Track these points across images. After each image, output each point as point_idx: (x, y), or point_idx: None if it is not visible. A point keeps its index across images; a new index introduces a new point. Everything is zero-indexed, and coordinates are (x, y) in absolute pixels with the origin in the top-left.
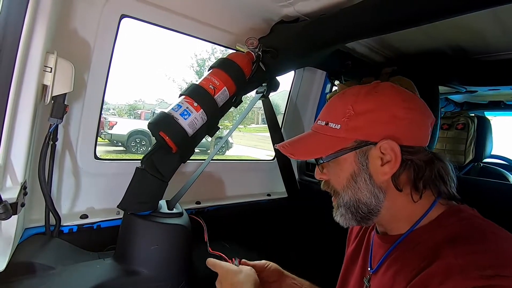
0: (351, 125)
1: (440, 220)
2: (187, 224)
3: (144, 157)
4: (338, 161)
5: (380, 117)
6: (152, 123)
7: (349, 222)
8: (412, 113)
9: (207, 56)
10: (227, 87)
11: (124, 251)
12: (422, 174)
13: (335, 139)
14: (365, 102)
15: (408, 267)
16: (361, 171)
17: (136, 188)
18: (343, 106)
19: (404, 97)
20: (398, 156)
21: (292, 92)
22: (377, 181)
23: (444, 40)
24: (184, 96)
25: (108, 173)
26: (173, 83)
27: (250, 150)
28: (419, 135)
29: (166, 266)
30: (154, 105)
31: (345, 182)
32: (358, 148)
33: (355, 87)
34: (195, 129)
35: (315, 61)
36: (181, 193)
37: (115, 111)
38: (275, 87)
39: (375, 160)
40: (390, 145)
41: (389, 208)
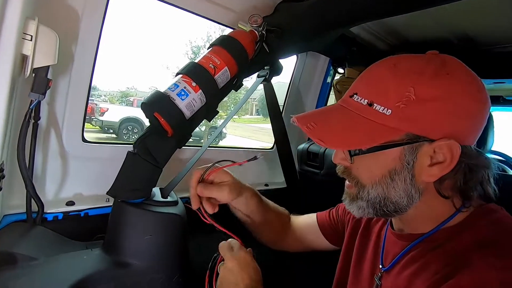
0: (408, 114)
1: (468, 221)
2: (182, 214)
3: (137, 140)
4: (376, 154)
5: (448, 110)
6: (145, 103)
7: (366, 214)
8: (483, 108)
9: (202, 44)
10: (229, 67)
11: (114, 241)
12: (470, 179)
13: (381, 127)
14: (433, 85)
15: (428, 269)
16: (403, 169)
17: (128, 174)
18: (399, 85)
19: (479, 85)
20: (455, 159)
21: (293, 78)
22: (418, 181)
23: (452, 28)
24: (182, 75)
25: (97, 158)
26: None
27: (243, 141)
28: (479, 134)
29: (159, 258)
30: (147, 93)
31: (378, 179)
32: (408, 144)
33: (413, 58)
34: (193, 111)
35: (320, 45)
36: (176, 181)
37: (107, 97)
38: (278, 71)
39: (424, 158)
40: (450, 145)
41: (419, 208)
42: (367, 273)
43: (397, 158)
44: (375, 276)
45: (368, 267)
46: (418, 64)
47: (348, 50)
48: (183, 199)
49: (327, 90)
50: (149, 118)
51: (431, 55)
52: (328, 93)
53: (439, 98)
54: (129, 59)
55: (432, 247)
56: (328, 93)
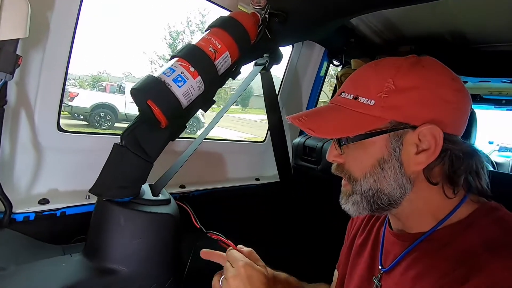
0: (389, 103)
1: (472, 219)
2: (175, 213)
3: (125, 131)
4: (364, 144)
5: (426, 97)
6: (137, 88)
7: (361, 211)
8: (459, 96)
9: (181, 29)
10: (230, 52)
11: (98, 245)
12: (458, 167)
13: (367, 117)
14: (409, 76)
15: (435, 271)
16: (391, 157)
17: (114, 170)
18: (380, 78)
19: (453, 76)
20: (439, 145)
21: (288, 69)
22: (408, 170)
23: (448, 25)
24: (178, 58)
25: (76, 149)
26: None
27: (222, 131)
28: (461, 123)
29: (151, 263)
30: (120, 78)
31: (369, 169)
32: (393, 131)
33: (392, 58)
34: (190, 100)
35: (320, 34)
36: (168, 176)
37: (76, 81)
38: (278, 59)
39: (410, 146)
40: (432, 131)
41: (413, 200)
42: (365, 273)
43: (384, 146)
44: (374, 277)
45: (365, 267)
46: (396, 61)
47: (346, 42)
48: (174, 195)
49: (321, 82)
50: (140, 106)
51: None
52: (321, 85)
53: (416, 87)
54: (101, 41)
55: (436, 247)
56: (321, 85)
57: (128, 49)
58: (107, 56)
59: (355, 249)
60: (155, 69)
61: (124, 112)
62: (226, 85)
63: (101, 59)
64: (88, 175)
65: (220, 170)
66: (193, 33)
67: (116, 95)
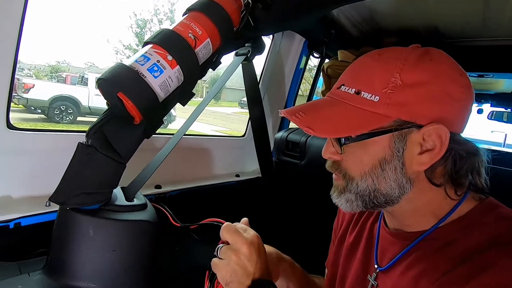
0: (395, 99)
1: (473, 216)
2: (153, 219)
3: (91, 129)
4: (365, 143)
5: (434, 94)
6: (105, 79)
7: (355, 209)
8: (467, 93)
9: (149, 17)
10: (211, 40)
11: (62, 260)
12: (461, 167)
13: (370, 114)
14: (417, 70)
15: (437, 269)
16: (393, 158)
17: (80, 173)
18: (385, 72)
19: (461, 71)
20: (445, 145)
21: (268, 61)
22: (409, 171)
23: (424, 19)
24: (153, 44)
25: (31, 149)
26: (108, 44)
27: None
28: (465, 121)
29: (126, 276)
30: (82, 69)
31: (368, 169)
32: (398, 130)
33: (396, 48)
34: (168, 92)
35: (302, 23)
36: (143, 178)
37: (32, 71)
38: (261, 49)
39: (414, 146)
40: (437, 130)
41: (412, 200)
42: (359, 272)
43: (387, 146)
44: (369, 276)
45: (358, 265)
46: (402, 53)
47: (327, 33)
48: (149, 197)
49: (300, 74)
50: (109, 100)
51: (413, 46)
52: (301, 78)
53: (424, 82)
54: (60, 28)
55: (438, 246)
56: (301, 78)
57: (90, 37)
58: (66, 44)
59: (347, 247)
60: (121, 59)
61: (88, 105)
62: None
63: (60, 47)
64: (47, 178)
65: (198, 167)
66: (161, 22)
67: (78, 86)
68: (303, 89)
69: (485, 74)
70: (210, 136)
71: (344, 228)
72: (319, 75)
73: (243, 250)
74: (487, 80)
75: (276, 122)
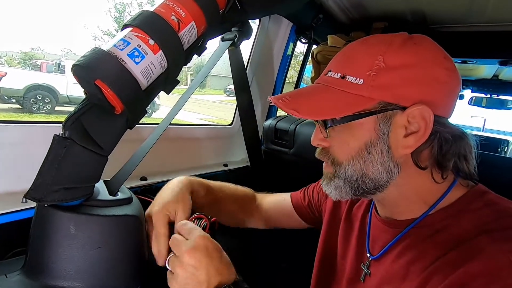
0: (379, 82)
1: (462, 203)
2: (139, 213)
3: (67, 120)
4: (351, 126)
5: (417, 76)
6: (81, 65)
7: (344, 196)
8: (452, 76)
9: (128, 1)
10: (196, 23)
11: (42, 259)
12: (447, 151)
13: (355, 97)
14: (401, 53)
15: (428, 256)
16: (379, 141)
17: (57, 168)
18: (369, 55)
19: (445, 54)
20: (429, 127)
21: (255, 47)
22: (396, 154)
23: (412, 4)
24: (133, 27)
25: (3, 142)
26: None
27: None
28: (452, 105)
29: (112, 274)
30: (58, 56)
31: (355, 152)
32: (382, 112)
33: (382, 35)
34: (151, 79)
35: (290, 6)
36: (128, 170)
37: (3, 59)
38: (248, 34)
39: (399, 129)
40: (422, 112)
41: (400, 185)
42: (353, 261)
43: (372, 129)
44: (362, 264)
45: (352, 255)
46: (387, 37)
47: (314, 17)
48: (135, 189)
49: (288, 60)
50: (86, 88)
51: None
52: (289, 64)
53: (407, 65)
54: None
55: (429, 233)
56: (289, 64)
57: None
58: (40, 30)
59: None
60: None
61: (66, 94)
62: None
63: (33, 33)
64: (23, 173)
65: (185, 157)
66: (141, 6)
67: (54, 74)
68: (289, 76)
69: (468, 60)
70: (196, 125)
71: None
72: (307, 62)
73: (185, 260)
74: (469, 66)
75: (264, 110)
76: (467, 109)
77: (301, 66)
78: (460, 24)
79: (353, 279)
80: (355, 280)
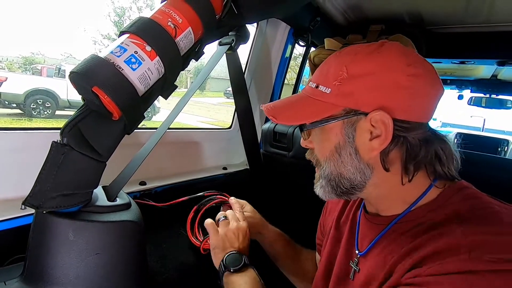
0: (343, 90)
1: (442, 198)
2: (138, 219)
3: (65, 127)
4: (324, 130)
5: (377, 83)
6: (78, 72)
7: (328, 195)
8: (417, 81)
9: (127, 5)
10: (193, 28)
11: (41, 267)
12: (415, 154)
13: (324, 104)
14: (363, 63)
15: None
16: (346, 144)
17: (56, 174)
18: (337, 66)
19: (411, 61)
20: (389, 132)
21: (252, 51)
22: (364, 156)
23: (409, 5)
24: (129, 34)
25: (2, 149)
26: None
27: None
28: (420, 109)
29: (111, 280)
30: (59, 60)
31: (328, 154)
32: (346, 118)
33: (356, 45)
34: (148, 85)
35: (287, 10)
36: (127, 175)
37: (4, 64)
38: (246, 38)
39: (364, 133)
40: (382, 117)
41: (377, 185)
42: (343, 259)
43: (339, 133)
44: (351, 261)
45: (342, 253)
46: (357, 47)
47: (312, 20)
48: (134, 194)
49: (286, 63)
50: (84, 95)
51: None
52: (287, 67)
53: (368, 73)
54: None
55: (409, 228)
56: (287, 67)
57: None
58: (40, 35)
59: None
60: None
61: (66, 99)
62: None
63: (33, 38)
64: (22, 179)
65: (184, 161)
66: (140, 10)
67: (55, 79)
68: (288, 78)
69: (466, 60)
70: (195, 129)
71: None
72: (305, 64)
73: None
74: (467, 66)
75: (263, 113)
76: (467, 109)
77: (299, 68)
78: (457, 25)
79: (344, 277)
80: (345, 278)
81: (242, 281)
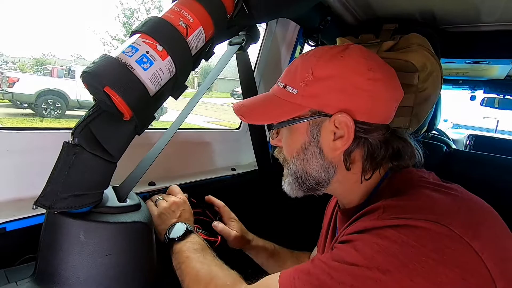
0: (308, 92)
1: (388, 183)
2: (148, 220)
3: (77, 127)
4: (291, 130)
5: (340, 86)
6: (90, 72)
7: (295, 192)
8: (376, 85)
9: (136, 6)
10: (204, 28)
11: (52, 267)
12: (376, 154)
13: (290, 105)
14: (327, 66)
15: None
16: (311, 143)
17: (67, 175)
18: (304, 68)
19: (372, 65)
20: (351, 133)
21: (262, 50)
22: (328, 156)
23: (421, 4)
24: (141, 34)
25: (15, 149)
26: (94, 35)
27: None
28: (381, 112)
29: (122, 281)
30: (69, 61)
31: (295, 153)
32: (311, 119)
33: (322, 47)
34: (159, 85)
35: (298, 10)
36: (137, 176)
37: (16, 65)
38: (256, 38)
39: (328, 134)
40: (344, 119)
41: (341, 182)
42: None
43: (305, 133)
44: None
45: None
46: (321, 50)
47: (322, 19)
48: (143, 194)
49: None
50: (95, 95)
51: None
52: None
53: (332, 76)
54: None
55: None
56: None
57: (76, 28)
58: (51, 36)
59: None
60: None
61: (76, 99)
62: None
63: (44, 39)
64: (34, 179)
65: (193, 162)
66: (149, 11)
67: (65, 79)
68: None
69: (480, 60)
70: (204, 129)
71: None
72: None
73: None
74: (481, 66)
75: None
76: (480, 110)
77: None
78: (470, 24)
79: None
80: None
81: (185, 247)
